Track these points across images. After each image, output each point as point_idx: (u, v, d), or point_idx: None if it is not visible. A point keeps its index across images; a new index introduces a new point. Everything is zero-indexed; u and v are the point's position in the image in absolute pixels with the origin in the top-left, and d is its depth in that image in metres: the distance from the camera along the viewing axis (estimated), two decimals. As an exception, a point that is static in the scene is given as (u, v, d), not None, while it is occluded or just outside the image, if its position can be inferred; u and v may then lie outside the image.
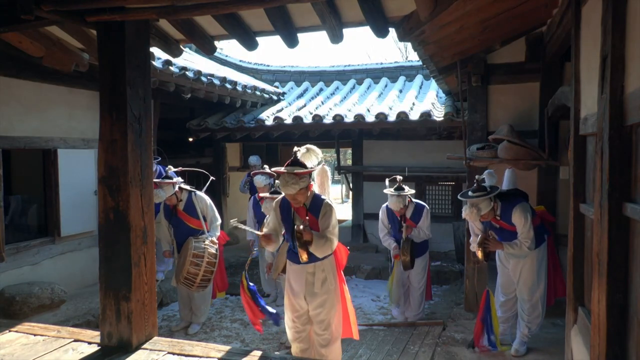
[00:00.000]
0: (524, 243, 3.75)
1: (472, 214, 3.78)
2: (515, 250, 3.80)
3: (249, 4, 2.71)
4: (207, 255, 4.61)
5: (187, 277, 4.58)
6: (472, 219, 3.88)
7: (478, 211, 3.76)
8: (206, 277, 4.67)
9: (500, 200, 3.88)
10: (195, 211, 4.90)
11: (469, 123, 5.12)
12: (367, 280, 7.01)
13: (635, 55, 1.88)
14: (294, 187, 3.10)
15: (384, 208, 5.09)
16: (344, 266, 3.55)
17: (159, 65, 5.49)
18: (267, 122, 7.58)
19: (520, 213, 3.77)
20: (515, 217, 3.78)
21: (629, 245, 1.99)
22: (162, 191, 4.76)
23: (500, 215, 3.88)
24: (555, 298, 4.21)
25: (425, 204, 5.01)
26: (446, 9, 3.13)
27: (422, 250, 5.01)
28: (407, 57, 19.85)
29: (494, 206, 3.83)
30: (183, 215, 4.90)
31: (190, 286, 4.65)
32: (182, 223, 4.90)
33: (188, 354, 2.90)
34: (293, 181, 3.09)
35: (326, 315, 3.36)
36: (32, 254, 5.17)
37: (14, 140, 4.87)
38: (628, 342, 1.99)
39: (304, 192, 3.19)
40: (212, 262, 4.69)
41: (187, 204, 4.93)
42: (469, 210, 3.78)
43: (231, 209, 9.32)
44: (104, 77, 3.02)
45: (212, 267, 4.68)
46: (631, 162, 1.96)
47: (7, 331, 3.37)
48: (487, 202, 3.76)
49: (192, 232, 4.86)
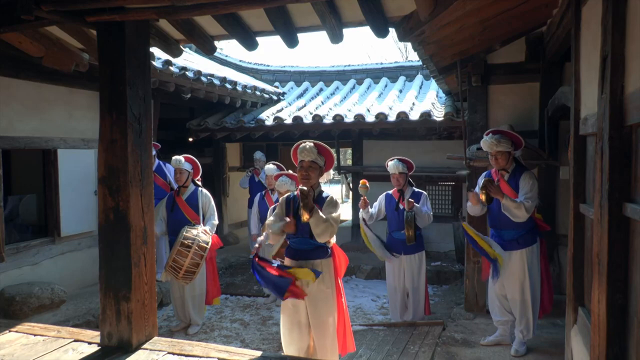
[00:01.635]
0: (524, 202, 3.73)
1: (492, 143, 3.81)
2: (512, 205, 3.73)
3: (249, 4, 2.71)
4: (195, 246, 4.56)
5: (172, 266, 4.55)
6: (489, 148, 3.87)
7: (498, 144, 3.80)
8: (191, 269, 4.59)
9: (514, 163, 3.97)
10: (197, 205, 4.92)
11: (469, 123, 5.12)
12: (367, 280, 7.01)
13: (635, 55, 1.88)
14: (311, 155, 3.20)
15: (382, 195, 5.08)
16: (342, 274, 3.45)
17: (159, 65, 5.50)
18: (267, 122, 7.58)
19: (530, 177, 3.85)
20: (525, 179, 3.83)
21: (629, 245, 1.99)
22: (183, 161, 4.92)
23: (510, 177, 3.92)
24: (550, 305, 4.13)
25: (423, 191, 5.01)
26: (446, 9, 3.13)
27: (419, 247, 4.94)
28: (407, 57, 19.89)
29: (510, 159, 3.89)
30: (183, 205, 4.90)
31: (176, 276, 4.60)
32: (180, 213, 4.89)
33: (188, 354, 2.90)
34: (313, 150, 3.21)
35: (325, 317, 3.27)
36: (32, 254, 5.17)
37: (14, 140, 4.87)
38: (628, 342, 1.99)
39: (316, 170, 3.24)
40: (200, 254, 4.61)
41: (191, 195, 4.95)
42: (491, 140, 3.81)
43: (231, 208, 9.32)
44: (104, 77, 3.02)
45: (198, 259, 4.61)
46: (631, 162, 1.96)
47: (7, 331, 3.38)
48: (508, 143, 3.82)
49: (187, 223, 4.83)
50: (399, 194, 4.94)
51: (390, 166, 4.91)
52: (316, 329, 3.30)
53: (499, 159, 3.90)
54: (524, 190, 3.82)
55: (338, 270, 3.38)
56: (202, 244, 4.64)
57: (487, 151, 3.94)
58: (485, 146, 3.92)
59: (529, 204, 3.74)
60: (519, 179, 3.88)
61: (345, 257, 3.47)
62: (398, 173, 4.86)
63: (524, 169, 3.97)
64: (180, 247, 4.53)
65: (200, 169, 5.12)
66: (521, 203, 3.73)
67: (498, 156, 3.88)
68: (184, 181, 4.94)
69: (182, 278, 4.62)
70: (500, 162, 3.91)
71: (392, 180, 4.94)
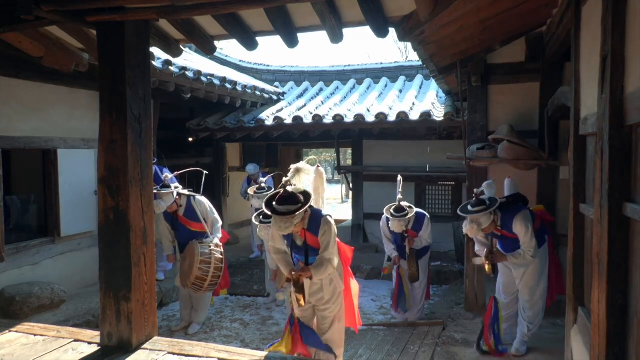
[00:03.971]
0: (527, 252, 3.76)
1: (472, 229, 3.76)
2: (519, 260, 3.81)
3: (249, 4, 2.70)
4: (214, 261, 4.61)
5: (194, 283, 4.59)
6: (474, 234, 3.86)
7: (479, 226, 3.74)
8: (214, 282, 4.68)
9: (500, 210, 3.84)
10: (196, 215, 4.86)
11: (469, 123, 5.12)
12: (367, 280, 7.00)
13: (635, 55, 1.88)
14: (289, 228, 2.96)
15: (385, 219, 5.04)
16: (350, 261, 3.56)
17: (159, 65, 5.49)
18: (267, 122, 7.57)
19: (521, 222, 3.75)
20: (517, 227, 3.77)
21: (629, 245, 1.99)
22: (163, 202, 4.72)
23: (501, 225, 3.87)
24: (557, 294, 4.22)
25: (425, 213, 5.00)
26: (446, 9, 3.13)
27: (424, 251, 5.02)
28: (407, 57, 19.86)
29: (495, 218, 3.80)
30: (184, 220, 4.89)
31: (198, 290, 4.67)
32: (183, 227, 4.90)
33: (188, 354, 2.90)
34: (287, 224, 2.92)
35: (331, 313, 3.40)
36: (32, 254, 5.17)
37: (14, 140, 4.87)
38: (628, 342, 1.99)
39: (301, 222, 3.09)
40: (219, 267, 4.70)
41: (187, 209, 4.90)
42: (470, 226, 3.76)
43: (231, 208, 9.32)
44: (104, 77, 3.01)
45: (219, 272, 4.69)
46: (631, 162, 1.96)
47: (7, 331, 3.37)
48: (487, 216, 3.72)
49: (194, 234, 4.84)
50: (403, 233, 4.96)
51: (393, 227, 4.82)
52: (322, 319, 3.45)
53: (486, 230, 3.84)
54: (520, 238, 3.80)
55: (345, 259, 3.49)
56: (218, 256, 4.71)
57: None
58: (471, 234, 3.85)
59: (531, 252, 3.76)
60: (510, 226, 3.83)
61: (350, 247, 3.57)
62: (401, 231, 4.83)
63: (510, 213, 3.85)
64: (200, 265, 4.56)
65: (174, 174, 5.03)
66: (526, 253, 3.77)
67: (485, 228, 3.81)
68: (175, 209, 4.87)
69: (205, 291, 4.72)
70: (490, 229, 3.85)
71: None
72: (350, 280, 3.53)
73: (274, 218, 2.99)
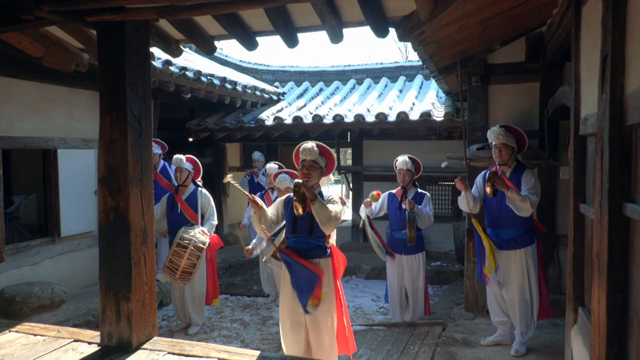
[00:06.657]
0: (529, 196, 3.74)
1: (499, 133, 3.86)
2: (517, 198, 3.71)
3: (249, 4, 2.71)
4: (191, 246, 4.57)
5: (168, 266, 4.60)
6: (495, 138, 3.91)
7: (504, 136, 3.85)
8: (188, 270, 4.61)
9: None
10: (196, 204, 4.93)
11: (469, 123, 5.12)
12: (367, 280, 7.01)
13: (635, 55, 1.88)
14: (312, 154, 3.23)
15: (386, 194, 5.08)
16: (340, 275, 3.42)
17: (159, 65, 5.49)
18: (267, 122, 7.58)
19: (532, 174, 3.89)
20: (527, 176, 3.86)
21: (629, 245, 1.99)
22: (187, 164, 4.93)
23: (511, 174, 3.94)
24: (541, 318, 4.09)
25: (426, 193, 5.03)
26: (446, 9, 3.13)
27: (419, 248, 4.94)
28: (407, 57, 19.89)
29: (513, 156, 3.94)
30: (183, 205, 4.91)
31: (173, 276, 4.64)
32: (179, 214, 4.90)
33: (188, 354, 2.90)
34: (314, 150, 3.24)
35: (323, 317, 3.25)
36: (32, 254, 5.17)
37: (14, 140, 4.87)
38: (628, 342, 1.99)
39: (317, 170, 3.27)
40: (196, 254, 4.62)
41: (191, 195, 4.97)
42: (498, 130, 3.86)
43: (231, 208, 9.32)
44: (104, 77, 3.02)
45: (195, 260, 4.62)
46: (631, 162, 1.96)
47: (7, 331, 3.37)
48: (513, 140, 3.88)
49: (186, 223, 4.86)
50: (402, 193, 4.94)
51: (399, 161, 4.93)
52: (314, 329, 3.29)
53: (502, 152, 3.91)
54: (527, 185, 3.83)
55: (337, 271, 3.36)
56: (198, 244, 4.64)
57: (492, 142, 3.96)
58: (491, 136, 3.95)
59: (534, 197, 3.75)
60: (520, 177, 3.89)
61: (344, 258, 3.44)
62: (406, 169, 4.88)
63: (525, 167, 3.99)
64: (176, 247, 4.55)
65: (201, 170, 5.13)
66: (526, 196, 3.74)
67: (502, 149, 3.90)
68: (183, 180, 4.96)
69: (180, 279, 4.64)
70: (504, 156, 3.92)
71: (397, 177, 4.96)
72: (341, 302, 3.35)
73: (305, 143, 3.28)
